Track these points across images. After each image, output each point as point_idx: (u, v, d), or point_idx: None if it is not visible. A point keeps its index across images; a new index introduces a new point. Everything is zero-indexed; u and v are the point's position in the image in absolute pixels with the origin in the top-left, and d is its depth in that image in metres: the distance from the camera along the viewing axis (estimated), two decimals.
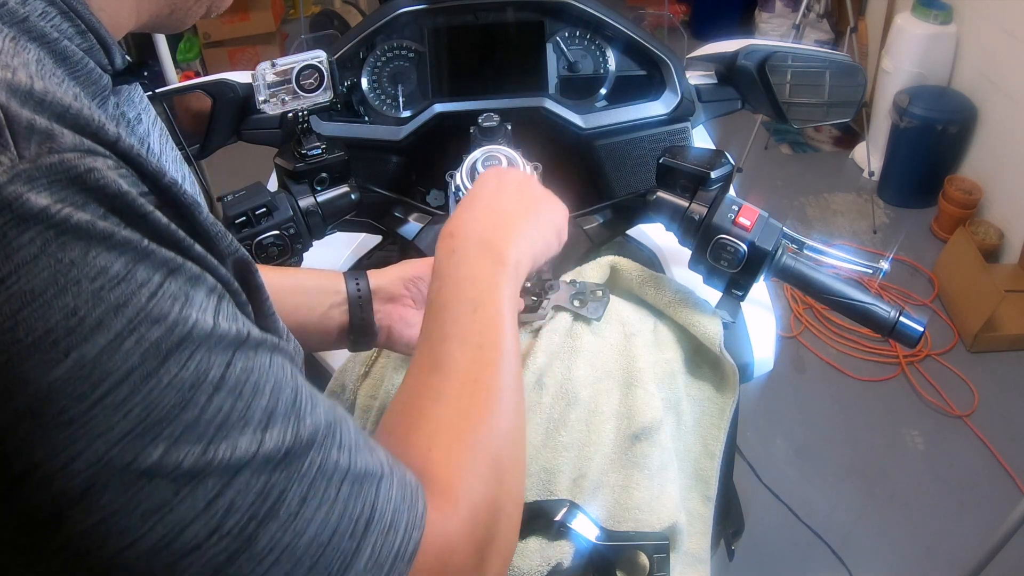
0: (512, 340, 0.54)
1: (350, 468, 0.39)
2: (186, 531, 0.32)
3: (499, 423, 0.50)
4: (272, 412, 0.36)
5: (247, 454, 0.34)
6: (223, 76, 0.97)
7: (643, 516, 0.73)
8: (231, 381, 0.34)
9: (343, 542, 0.37)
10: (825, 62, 1.01)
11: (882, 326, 0.80)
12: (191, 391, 0.32)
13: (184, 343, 0.33)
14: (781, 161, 3.35)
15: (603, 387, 0.78)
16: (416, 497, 0.42)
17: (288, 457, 0.36)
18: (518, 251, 0.60)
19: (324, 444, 0.38)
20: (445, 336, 0.53)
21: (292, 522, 0.35)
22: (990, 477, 2.07)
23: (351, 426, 0.42)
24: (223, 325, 0.35)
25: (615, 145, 1.01)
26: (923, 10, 2.86)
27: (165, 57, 2.04)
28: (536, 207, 0.65)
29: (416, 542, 0.40)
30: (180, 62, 3.70)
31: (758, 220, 0.80)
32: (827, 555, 1.82)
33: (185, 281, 0.34)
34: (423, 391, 0.51)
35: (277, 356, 0.38)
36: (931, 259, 2.73)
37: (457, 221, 0.61)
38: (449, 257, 0.58)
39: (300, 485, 0.36)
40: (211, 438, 0.33)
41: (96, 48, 0.39)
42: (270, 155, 0.93)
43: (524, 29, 1.03)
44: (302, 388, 0.39)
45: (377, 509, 0.39)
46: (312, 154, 0.88)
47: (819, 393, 2.32)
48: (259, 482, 0.34)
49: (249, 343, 0.36)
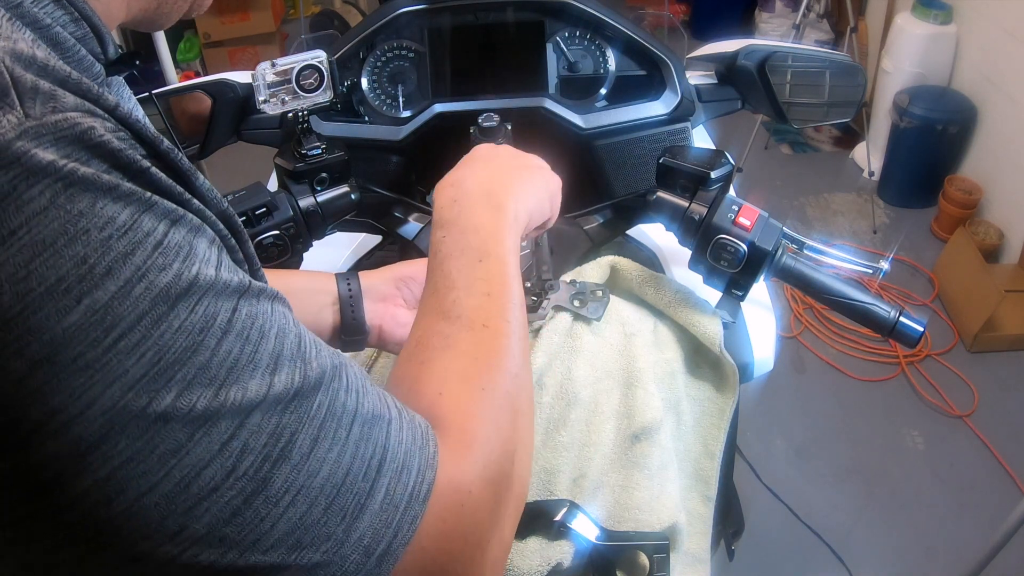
0: (517, 288, 0.55)
1: (358, 409, 0.39)
2: (203, 473, 0.33)
3: (509, 366, 0.51)
4: (279, 355, 0.37)
5: (258, 396, 0.35)
6: (223, 76, 0.97)
7: (643, 516, 0.73)
8: (238, 326, 0.35)
9: (357, 482, 0.38)
10: (825, 62, 1.01)
11: (882, 326, 0.80)
12: (201, 335, 0.33)
13: (192, 289, 0.33)
14: (781, 161, 3.35)
15: (603, 387, 0.78)
16: (427, 439, 0.42)
17: (297, 398, 0.37)
18: (516, 204, 0.61)
19: (332, 386, 0.39)
20: (453, 285, 0.54)
21: (305, 462, 0.36)
22: (990, 477, 2.07)
23: (357, 371, 0.42)
24: (225, 274, 0.36)
25: (615, 145, 1.01)
26: (923, 10, 2.86)
27: (165, 57, 2.04)
28: (530, 169, 0.66)
29: (430, 482, 0.41)
30: (180, 62, 3.70)
31: (758, 220, 0.80)
32: (827, 555, 1.82)
33: (188, 231, 0.35)
34: (431, 339, 0.51)
35: (277, 304, 0.39)
36: (931, 259, 2.73)
37: (456, 174, 0.62)
38: (451, 206, 0.59)
39: (311, 426, 0.37)
40: (223, 381, 0.34)
41: (89, 36, 0.39)
42: (270, 155, 0.93)
43: (524, 29, 1.03)
44: (305, 334, 0.39)
45: (389, 450, 0.40)
46: (312, 154, 0.88)
47: (819, 393, 2.32)
48: (271, 423, 0.35)
49: (251, 291, 0.37)
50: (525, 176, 0.65)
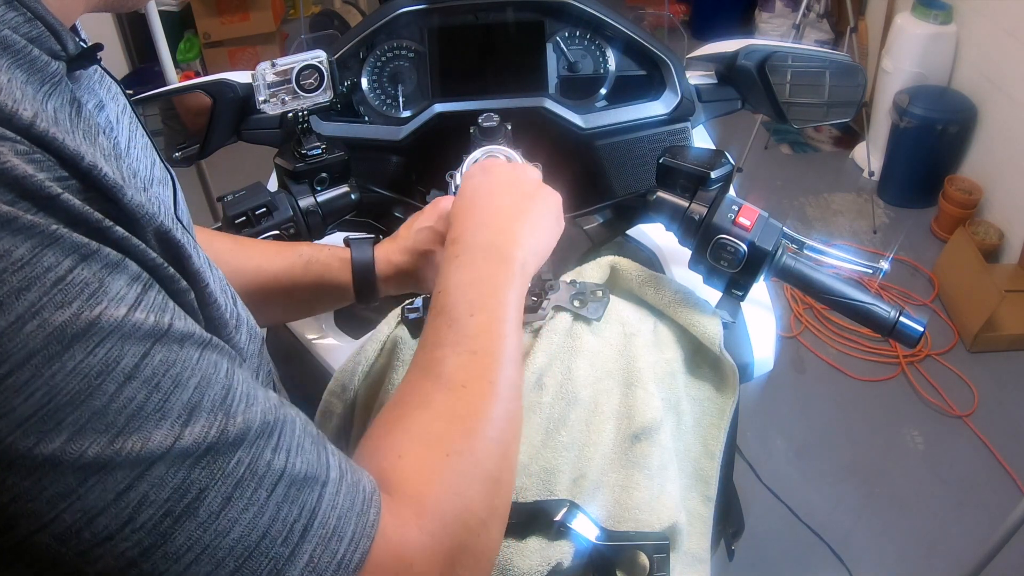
0: (512, 346, 0.53)
1: (286, 470, 0.37)
2: (95, 521, 0.32)
3: (486, 430, 0.48)
4: (195, 407, 0.35)
5: (161, 447, 0.33)
6: (223, 76, 0.97)
7: (643, 516, 0.73)
8: (146, 372, 0.33)
9: (274, 547, 0.36)
10: (825, 62, 1.01)
11: (882, 326, 0.80)
12: (98, 379, 0.32)
13: (91, 330, 0.32)
14: (781, 161, 3.35)
15: (603, 387, 0.78)
16: (368, 505, 0.40)
17: (211, 453, 0.35)
18: (524, 252, 0.59)
19: (257, 443, 0.37)
20: (440, 341, 0.52)
21: (213, 521, 0.34)
22: (990, 477, 2.06)
23: (299, 429, 0.40)
24: (140, 316, 0.34)
25: (615, 145, 1.01)
26: (923, 10, 2.86)
27: (165, 57, 2.03)
28: (532, 200, 0.64)
29: (364, 551, 0.39)
30: (180, 62, 3.71)
31: (758, 220, 0.80)
32: (827, 555, 1.82)
33: (101, 268, 0.33)
34: (410, 396, 0.50)
35: (209, 352, 0.37)
36: (931, 259, 2.73)
37: (459, 228, 0.60)
38: (451, 262, 0.57)
39: (224, 484, 0.35)
40: (120, 429, 0.32)
41: (46, 35, 0.38)
42: (270, 155, 0.93)
43: (524, 29, 1.03)
44: (237, 387, 0.37)
45: (318, 515, 0.38)
46: (312, 154, 0.88)
47: (819, 393, 2.32)
48: (176, 477, 0.34)
49: (171, 336, 0.35)
50: (527, 209, 0.62)
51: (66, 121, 0.36)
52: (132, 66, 3.70)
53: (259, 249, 0.76)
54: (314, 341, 0.93)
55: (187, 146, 0.99)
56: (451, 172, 0.84)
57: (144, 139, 0.53)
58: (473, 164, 0.82)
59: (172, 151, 1.00)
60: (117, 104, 0.50)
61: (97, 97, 0.46)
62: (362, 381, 0.82)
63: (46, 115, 0.34)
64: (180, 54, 3.74)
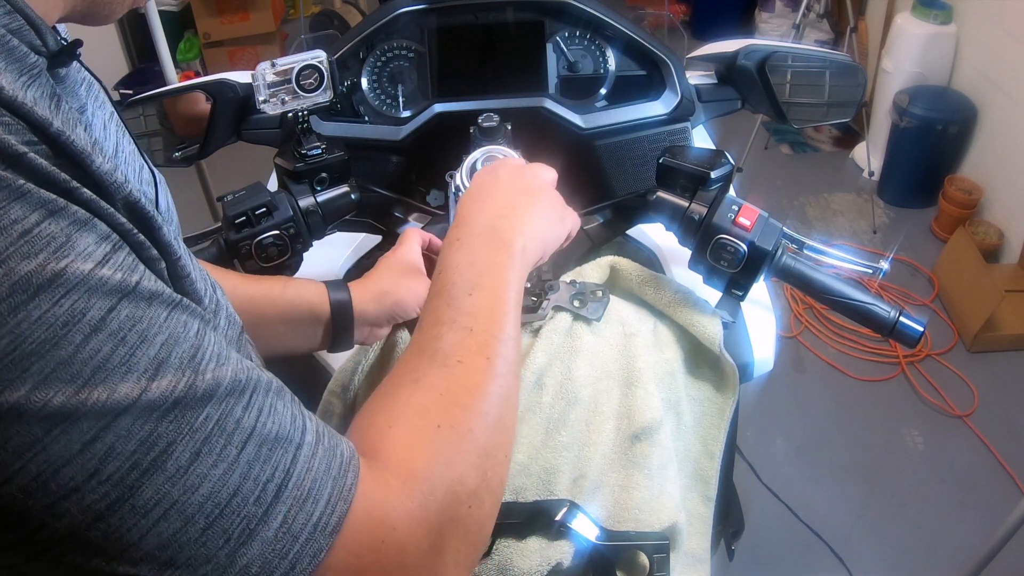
0: (510, 325, 0.53)
1: (255, 429, 0.37)
2: (61, 471, 0.32)
3: (481, 405, 0.48)
4: (162, 362, 0.35)
5: (126, 399, 0.33)
6: (223, 76, 0.97)
7: (643, 516, 0.73)
8: (112, 325, 0.33)
9: (246, 506, 0.36)
10: (825, 62, 1.01)
11: (882, 326, 0.80)
12: (64, 329, 0.32)
13: (57, 281, 0.32)
14: (781, 161, 3.35)
15: (603, 387, 0.78)
16: (346, 469, 0.40)
17: (178, 407, 0.35)
18: (524, 237, 0.59)
19: (226, 401, 0.37)
20: (437, 320, 0.52)
21: (182, 476, 0.34)
22: (990, 477, 2.07)
23: (273, 391, 0.40)
24: (107, 272, 0.34)
25: (615, 145, 1.01)
26: (923, 10, 2.86)
27: (165, 57, 2.03)
28: (536, 194, 0.65)
29: (341, 515, 0.39)
30: (180, 62, 3.71)
31: (758, 220, 0.80)
32: (827, 555, 1.82)
33: (69, 224, 0.33)
34: (405, 372, 0.50)
35: (179, 313, 0.37)
36: (931, 259, 2.73)
37: (463, 214, 0.61)
38: (452, 246, 0.58)
39: (192, 439, 0.35)
40: (86, 379, 0.32)
41: (25, 28, 0.38)
42: (270, 155, 0.93)
43: (524, 29, 1.03)
44: (208, 347, 0.37)
45: (292, 476, 0.38)
46: (312, 154, 0.88)
47: (819, 393, 2.32)
48: (143, 430, 0.33)
49: (139, 293, 0.35)
50: (531, 202, 0.63)
51: (46, 108, 0.36)
52: (132, 66, 3.70)
53: (236, 276, 0.76)
54: None
55: (187, 146, 0.99)
56: (451, 172, 0.84)
57: (131, 145, 0.53)
58: (481, 166, 0.82)
59: (172, 151, 1.00)
60: (104, 111, 0.50)
61: (79, 100, 0.46)
62: (362, 381, 0.82)
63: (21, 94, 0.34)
64: (180, 54, 3.74)
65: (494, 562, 0.68)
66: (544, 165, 0.71)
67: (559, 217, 0.66)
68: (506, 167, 0.68)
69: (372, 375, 0.83)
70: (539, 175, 0.68)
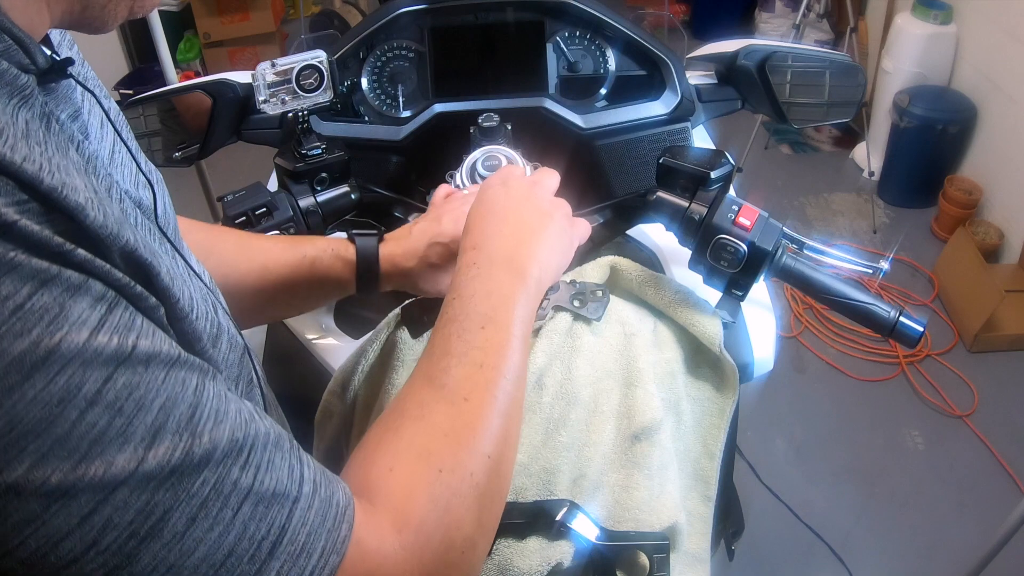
0: (518, 363, 0.53)
1: (253, 488, 0.37)
2: (60, 545, 0.32)
3: (482, 446, 0.48)
4: (159, 429, 0.34)
5: (124, 471, 0.33)
6: (223, 76, 0.97)
7: (643, 516, 0.73)
8: (109, 396, 0.33)
9: (240, 565, 0.36)
10: (825, 62, 1.01)
11: (882, 326, 0.80)
12: (60, 406, 0.32)
13: (52, 357, 0.31)
14: (781, 161, 3.35)
15: (603, 387, 0.78)
16: (340, 520, 0.40)
17: (176, 475, 0.35)
18: (540, 267, 0.59)
19: (224, 463, 0.37)
20: (448, 351, 0.52)
21: (178, 542, 0.34)
22: (990, 477, 2.07)
23: (271, 444, 0.40)
24: (103, 339, 0.33)
25: (615, 145, 1.01)
26: (923, 10, 2.86)
27: (165, 57, 2.03)
28: (550, 218, 0.64)
29: (334, 567, 0.39)
30: (180, 62, 3.71)
31: (758, 220, 0.80)
32: (827, 555, 1.82)
33: (62, 292, 0.32)
34: (410, 404, 0.50)
35: (177, 371, 0.36)
36: (931, 259, 2.73)
37: (477, 235, 0.60)
38: (468, 270, 0.57)
39: (189, 504, 0.35)
40: (83, 454, 0.32)
41: (13, 48, 0.37)
42: (270, 155, 0.93)
43: (524, 29, 1.03)
44: (206, 403, 0.37)
45: (287, 532, 0.38)
46: (312, 154, 0.88)
47: (819, 393, 2.32)
48: (140, 500, 0.33)
49: (136, 357, 0.34)
50: (545, 226, 0.62)
51: (38, 132, 0.35)
52: (132, 66, 3.70)
53: (264, 248, 0.76)
54: (314, 341, 0.93)
55: (187, 146, 0.99)
56: (451, 172, 0.84)
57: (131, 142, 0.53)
58: (481, 166, 0.82)
59: (172, 151, 1.00)
60: (95, 116, 0.49)
61: (74, 106, 0.46)
62: (362, 381, 0.82)
63: (12, 131, 0.33)
64: (180, 54, 3.74)
65: (494, 562, 0.68)
66: (549, 172, 0.70)
67: (570, 239, 0.66)
68: (516, 179, 0.66)
69: (372, 375, 0.83)
70: (549, 189, 0.67)
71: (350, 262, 0.76)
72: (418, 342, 0.81)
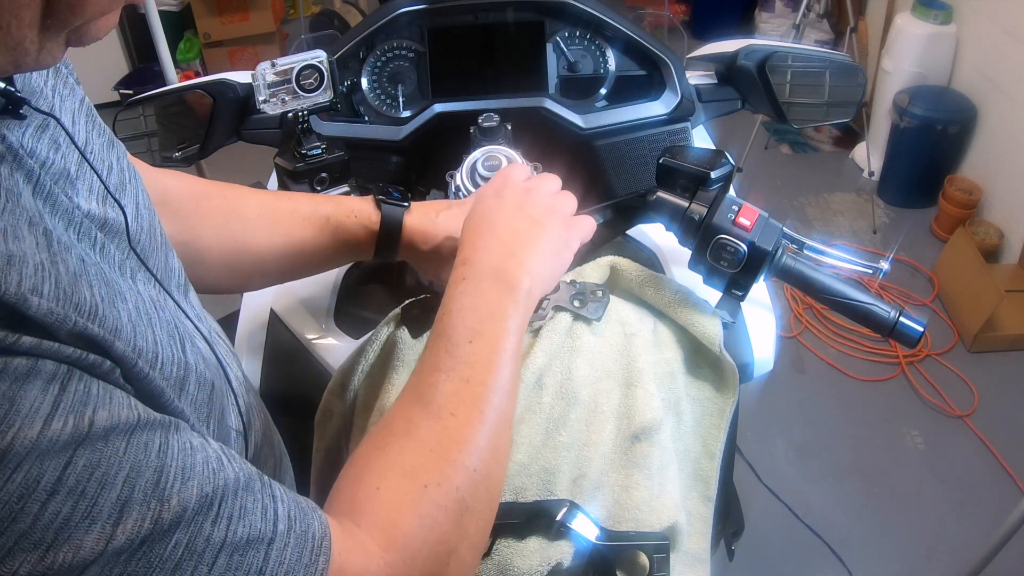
0: (507, 376, 0.52)
1: (227, 539, 0.37)
2: None
3: (469, 460, 0.48)
4: (126, 502, 0.34)
5: (94, 552, 0.32)
6: (223, 76, 0.97)
7: (643, 516, 0.73)
8: (70, 482, 0.32)
9: None
10: (825, 62, 1.01)
11: (882, 326, 0.80)
12: (20, 502, 0.31)
13: (6, 457, 0.31)
14: (781, 161, 3.35)
15: (603, 387, 0.78)
16: (317, 553, 0.40)
17: (147, 544, 0.34)
18: (531, 277, 0.58)
19: (195, 520, 0.36)
20: (436, 366, 0.52)
21: None
22: (990, 477, 2.07)
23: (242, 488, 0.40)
24: (58, 425, 0.32)
25: (615, 145, 1.01)
26: (923, 10, 2.86)
27: (165, 57, 2.04)
28: (541, 226, 0.63)
29: None
30: (180, 62, 3.71)
31: (758, 220, 0.80)
32: (827, 555, 1.82)
33: (10, 384, 0.32)
34: (398, 421, 0.50)
35: (138, 435, 0.36)
36: (931, 259, 2.73)
37: (468, 250, 0.59)
38: (457, 285, 0.57)
39: (163, 568, 0.34)
40: (50, 543, 0.31)
41: None
42: (270, 155, 0.93)
43: (524, 29, 1.03)
44: (172, 462, 0.37)
45: (266, 572, 0.38)
46: (312, 154, 0.88)
47: (819, 393, 2.32)
48: (112, 574, 0.33)
49: (94, 434, 0.34)
50: (538, 234, 0.61)
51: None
52: (132, 66, 3.70)
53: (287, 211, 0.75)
54: (314, 341, 0.93)
55: (187, 146, 0.99)
56: (451, 172, 0.84)
57: (103, 138, 0.51)
58: (482, 166, 0.82)
59: (171, 151, 1.00)
60: (74, 99, 0.48)
61: (47, 102, 0.44)
62: (362, 381, 0.82)
63: None
64: (180, 54, 3.74)
65: (494, 562, 0.68)
66: (550, 177, 0.69)
67: (566, 243, 0.65)
68: (511, 187, 0.66)
69: (372, 375, 0.82)
70: (545, 195, 0.66)
71: (372, 230, 0.75)
72: (418, 342, 0.81)
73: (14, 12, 0.33)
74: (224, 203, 0.71)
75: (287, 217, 0.74)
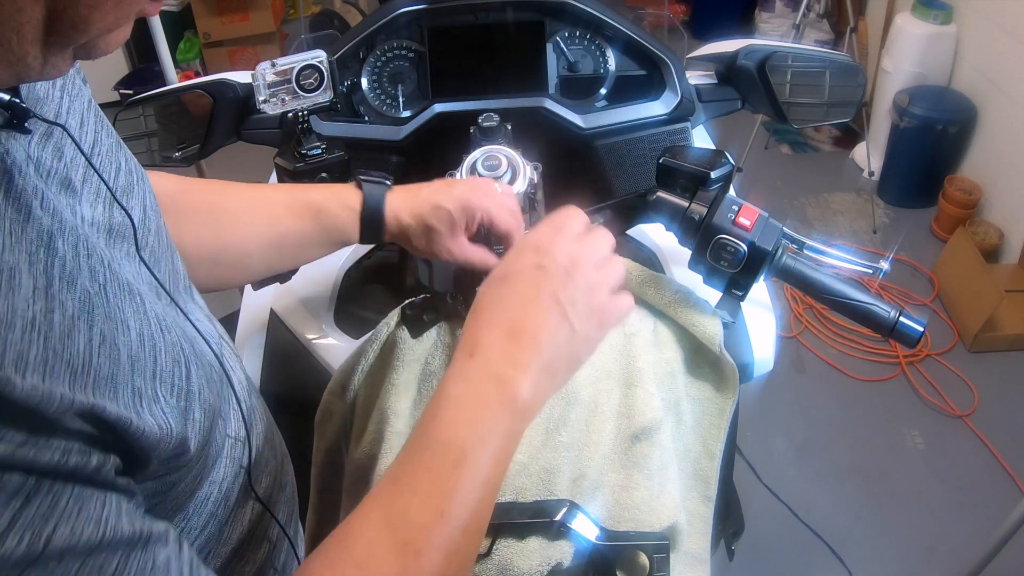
0: (483, 513, 0.49)
1: None
2: None
3: None
4: None
5: None
6: (223, 76, 0.97)
7: (643, 516, 0.73)
8: None
9: None
10: (825, 62, 1.01)
11: (882, 326, 0.80)
12: None
13: None
14: (781, 161, 3.35)
15: (603, 387, 0.78)
16: None
17: None
18: (535, 390, 0.52)
19: None
20: (415, 485, 0.48)
21: None
22: (990, 477, 2.07)
23: None
24: (11, 543, 0.31)
25: (615, 145, 1.01)
26: (923, 10, 2.86)
27: (165, 57, 2.04)
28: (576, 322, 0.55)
29: None
30: (180, 62, 3.71)
31: (758, 220, 0.80)
32: (827, 555, 1.82)
33: None
34: (358, 546, 0.46)
35: (96, 557, 0.34)
36: (931, 259, 2.73)
37: (472, 343, 0.54)
38: (459, 378, 0.52)
39: None
40: None
41: None
42: (270, 155, 0.93)
43: (524, 29, 1.03)
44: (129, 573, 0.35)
45: None
46: (312, 154, 0.88)
47: (819, 393, 2.32)
48: None
49: (49, 553, 0.32)
50: (560, 343, 0.54)
51: None
52: (132, 66, 3.70)
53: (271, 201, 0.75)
54: (314, 341, 0.93)
55: (187, 146, 0.99)
56: (451, 172, 0.84)
57: (111, 139, 0.51)
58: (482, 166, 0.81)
59: (171, 151, 1.00)
60: (82, 100, 0.48)
61: (54, 104, 0.44)
62: (362, 381, 0.82)
63: None
64: (180, 54, 3.74)
65: (494, 562, 0.68)
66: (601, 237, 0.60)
67: (586, 338, 0.56)
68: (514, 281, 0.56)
69: (372, 375, 0.83)
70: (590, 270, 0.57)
71: (356, 211, 0.74)
72: (418, 342, 0.81)
73: (15, 28, 0.33)
74: (206, 198, 0.71)
75: (267, 206, 0.74)
